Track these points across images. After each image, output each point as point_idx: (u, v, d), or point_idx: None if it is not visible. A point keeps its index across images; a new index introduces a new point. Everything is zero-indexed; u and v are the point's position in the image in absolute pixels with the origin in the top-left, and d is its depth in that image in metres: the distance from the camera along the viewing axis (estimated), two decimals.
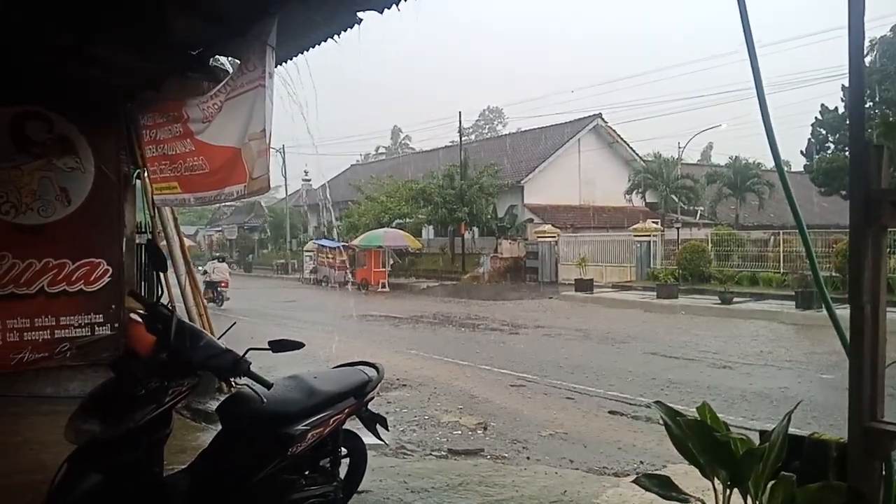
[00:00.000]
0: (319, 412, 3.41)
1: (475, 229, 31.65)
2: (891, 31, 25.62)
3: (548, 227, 28.82)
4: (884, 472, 2.04)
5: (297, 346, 3.17)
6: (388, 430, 4.31)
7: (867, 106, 21.51)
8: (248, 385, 3.09)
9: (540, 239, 28.43)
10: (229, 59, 5.62)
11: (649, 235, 25.17)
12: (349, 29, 4.60)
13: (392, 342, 12.69)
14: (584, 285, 22.19)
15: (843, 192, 26.18)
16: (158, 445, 2.87)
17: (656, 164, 33.07)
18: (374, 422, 4.04)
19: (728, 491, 2.46)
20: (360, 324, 15.29)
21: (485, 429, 6.58)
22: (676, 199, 31.76)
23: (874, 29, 25.17)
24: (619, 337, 12.96)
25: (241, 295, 21.92)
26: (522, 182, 32.37)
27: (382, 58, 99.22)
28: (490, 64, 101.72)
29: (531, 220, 31.19)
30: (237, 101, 4.57)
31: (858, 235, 2.12)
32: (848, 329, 2.15)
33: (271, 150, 4.55)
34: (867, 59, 25.23)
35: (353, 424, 3.94)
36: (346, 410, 3.68)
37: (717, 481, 2.48)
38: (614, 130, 35.65)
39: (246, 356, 3.00)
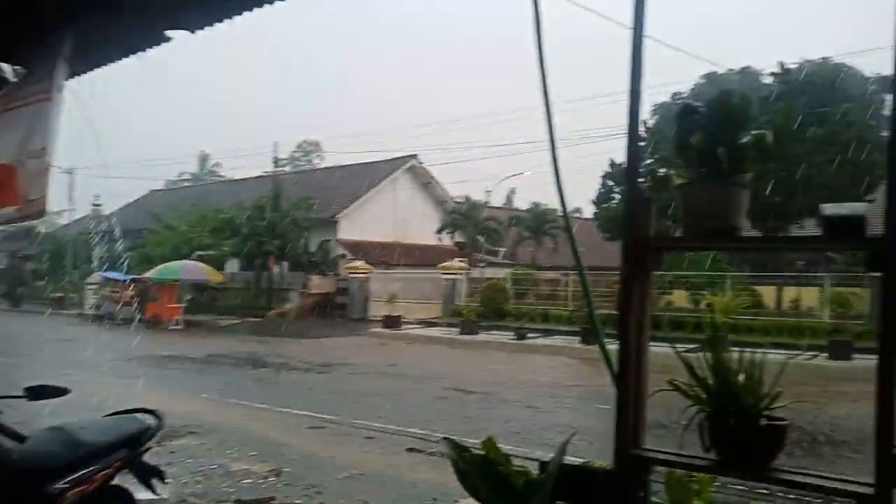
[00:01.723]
0: (84, 467, 3.07)
1: (285, 263, 30.75)
2: (670, 97, 29.56)
3: (360, 262, 28.81)
4: (643, 495, 2.20)
5: (61, 392, 2.83)
6: (165, 482, 3.94)
7: (649, 162, 24.46)
8: None
9: (351, 275, 28.32)
10: (13, 66, 4.93)
11: (456, 273, 26.18)
12: (155, 47, 4.25)
13: (182, 385, 11.70)
14: (391, 322, 22.39)
15: None
16: None
17: (466, 206, 34.69)
18: (149, 475, 3.69)
19: None
20: (147, 365, 13.99)
21: (277, 475, 6.23)
22: (482, 240, 33.50)
23: (658, 95, 28.90)
24: (422, 373, 13.18)
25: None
26: (337, 217, 32.19)
27: (193, 78, 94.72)
28: (309, 96, 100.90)
29: (344, 256, 31.01)
30: (16, 114, 3.99)
31: (627, 278, 2.29)
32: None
33: (55, 169, 4.03)
34: (651, 122, 28.81)
35: (126, 479, 3.55)
36: (117, 464, 3.34)
37: None
38: (428, 171, 36.91)
39: None
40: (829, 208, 1.98)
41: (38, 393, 2.79)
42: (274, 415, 9.20)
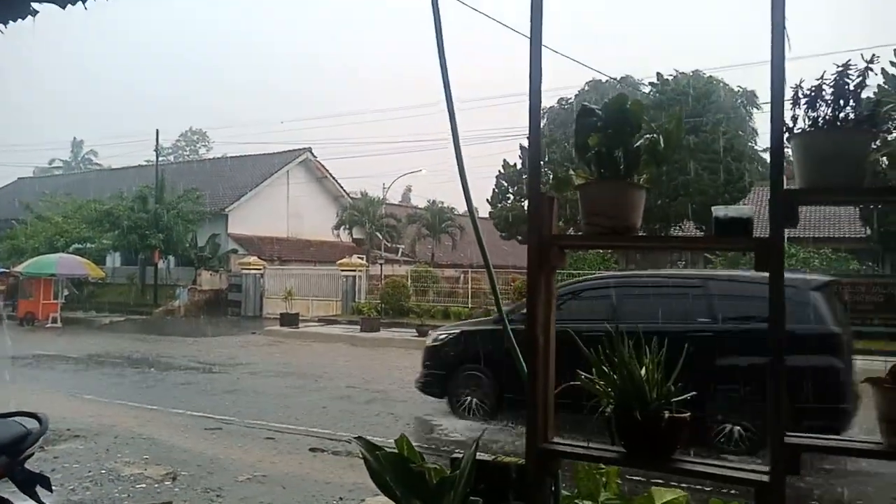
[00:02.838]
0: None
1: (171, 258, 29.30)
2: (557, 103, 30.56)
3: (253, 258, 27.94)
4: (553, 488, 2.29)
5: None
6: (51, 491, 3.67)
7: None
8: None
9: (244, 271, 27.40)
10: None
11: (355, 270, 25.95)
12: (20, 19, 3.91)
13: (63, 386, 10.93)
14: (289, 319, 21.88)
15: (520, 237, 30.15)
16: None
17: (363, 202, 34.44)
18: (32, 483, 3.42)
19: None
20: (22, 366, 12.96)
21: (174, 479, 5.96)
22: (381, 237, 33.40)
23: (546, 100, 29.77)
24: (322, 372, 12.99)
25: None
26: (227, 210, 31.03)
27: (65, 58, 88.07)
28: (196, 84, 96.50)
29: (235, 251, 29.95)
30: None
31: (534, 275, 2.37)
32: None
33: None
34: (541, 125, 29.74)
35: (6, 487, 3.28)
36: None
37: None
38: (323, 165, 36.29)
39: None
40: (718, 210, 2.11)
41: None
42: (166, 416, 8.78)
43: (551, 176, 2.72)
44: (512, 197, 31.74)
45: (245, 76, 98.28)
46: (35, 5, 3.80)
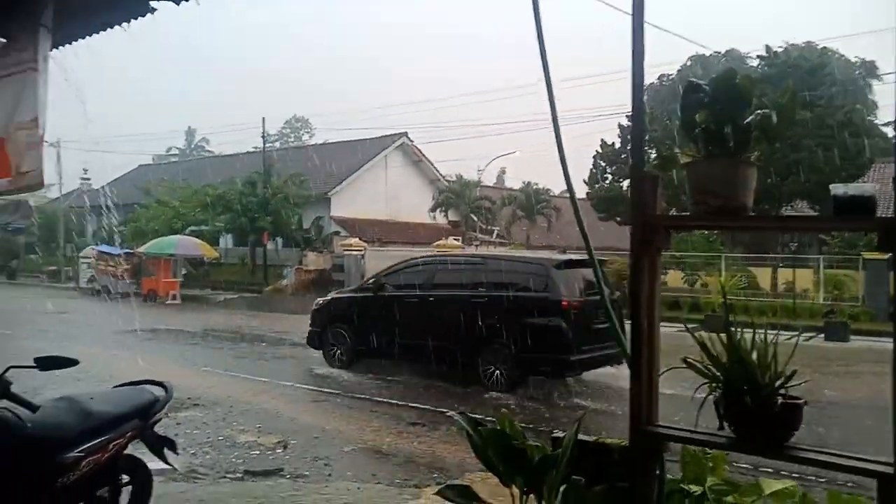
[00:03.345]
0: (96, 437, 3.11)
1: (279, 240, 30.71)
2: (658, 79, 29.44)
3: (355, 240, 28.78)
4: (658, 472, 2.27)
5: (70, 363, 2.86)
6: (176, 453, 4.01)
7: None
8: (7, 409, 2.71)
9: (346, 252, 28.28)
10: None
11: (451, 251, 26.18)
12: (140, 17, 4.20)
13: (184, 358, 11.79)
14: None
15: (619, 218, 29.42)
16: None
17: (458, 184, 34.67)
18: (160, 445, 3.76)
19: (524, 497, 2.58)
20: (147, 339, 14.05)
21: (285, 447, 6.33)
22: (476, 219, 33.53)
23: (645, 76, 28.71)
24: None
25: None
26: (329, 194, 32.11)
27: (181, 53, 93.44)
28: (298, 73, 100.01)
29: (338, 233, 30.98)
30: (1, 84, 3.96)
31: (637, 257, 2.32)
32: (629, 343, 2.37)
33: (45, 143, 4.00)
34: None
35: (139, 448, 3.61)
36: (129, 434, 3.39)
37: (514, 488, 2.60)
38: (419, 149, 36.78)
39: (5, 375, 2.62)
40: (837, 188, 1.97)
41: (47, 364, 2.82)
42: (277, 388, 9.29)
43: (654, 154, 2.66)
44: (610, 177, 31.02)
45: (346, 63, 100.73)
46: (153, 3, 4.09)
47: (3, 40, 4.32)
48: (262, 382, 9.64)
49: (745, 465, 4.84)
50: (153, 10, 4.03)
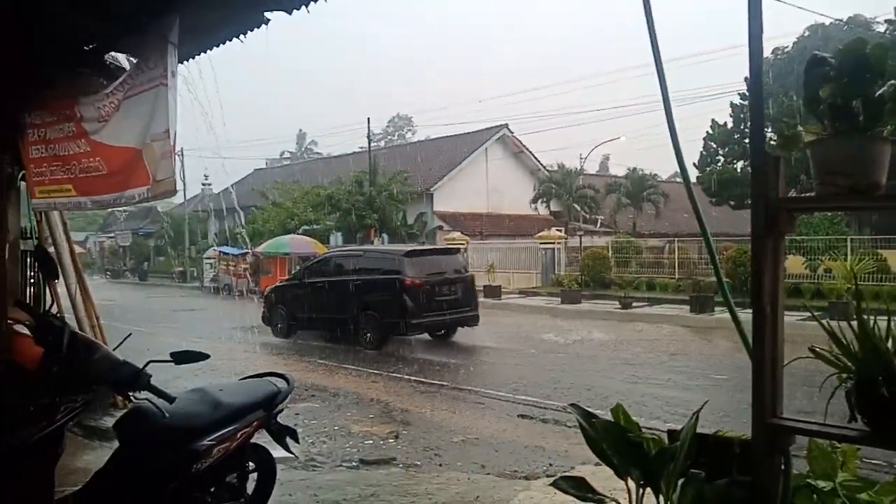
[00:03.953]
0: (226, 426, 3.28)
1: (385, 236, 31.51)
2: (772, 53, 27.65)
3: (457, 234, 29.08)
4: (783, 466, 2.15)
5: (202, 357, 3.04)
6: (298, 442, 4.19)
7: None
8: (147, 399, 2.92)
9: (449, 246, 28.63)
10: (127, 56, 5.29)
11: (553, 243, 25.91)
12: (255, 29, 4.44)
13: (299, 351, 12.37)
14: (492, 291, 22.52)
15: (732, 202, 27.93)
16: (49, 465, 2.66)
17: (559, 174, 34.16)
18: (283, 434, 3.92)
19: (641, 490, 2.52)
20: (266, 334, 14.85)
21: (396, 437, 6.52)
22: (579, 208, 32.93)
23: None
24: (528, 342, 13.22)
25: (137, 305, 20.75)
26: (432, 189, 32.58)
27: (289, 60, 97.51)
28: (399, 72, 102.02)
29: (441, 228, 31.40)
30: (136, 100, 4.30)
31: (759, 242, 2.21)
32: (749, 331, 2.25)
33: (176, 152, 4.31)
34: None
35: (262, 438, 3.80)
36: (255, 423, 3.56)
37: (630, 481, 2.54)
38: (520, 141, 36.55)
39: (146, 369, 2.84)
40: None
41: (181, 358, 3.01)
42: (387, 380, 9.57)
43: (771, 132, 2.51)
44: (722, 159, 29.49)
45: (444, 63, 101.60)
46: (267, 14, 4.30)
47: (135, 59, 4.70)
48: (373, 374, 9.96)
49: (875, 461, 4.50)
50: (267, 21, 4.26)
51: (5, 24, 4.46)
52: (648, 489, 2.47)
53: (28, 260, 6.15)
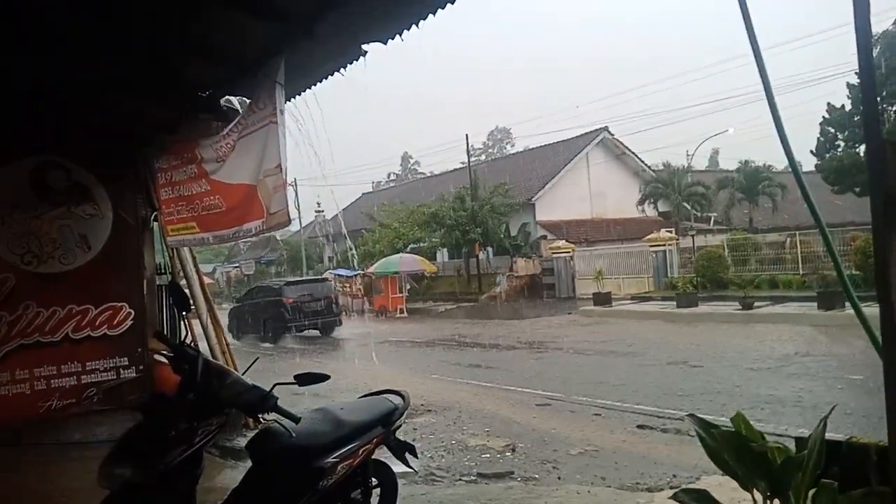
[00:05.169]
0: (348, 443, 3.40)
1: (489, 249, 31.65)
2: (893, 24, 25.49)
3: (562, 242, 28.74)
4: None
5: (323, 378, 3.17)
6: (417, 457, 4.28)
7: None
8: (276, 420, 3.09)
9: (555, 255, 28.34)
10: (239, 98, 5.70)
11: (664, 245, 25.00)
12: (354, 62, 4.66)
13: (413, 367, 12.65)
14: (602, 299, 22.03)
15: (857, 189, 25.90)
16: (191, 486, 2.88)
17: (666, 173, 33.04)
18: (402, 450, 4.01)
19: (768, 502, 2.41)
20: (381, 350, 15.29)
21: (513, 450, 6.51)
22: (689, 207, 31.65)
23: (876, 24, 25.02)
24: (642, 349, 12.83)
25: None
26: (533, 199, 32.41)
27: (389, 85, 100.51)
28: (495, 86, 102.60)
29: (545, 237, 31.15)
30: (249, 140, 4.63)
31: (881, 233, 2.08)
32: (878, 328, 2.11)
33: (288, 185, 4.59)
34: (873, 54, 25.12)
35: (382, 453, 3.92)
36: (375, 440, 3.66)
37: (756, 492, 2.43)
38: (621, 142, 35.70)
39: (273, 391, 3.01)
40: None
41: (305, 380, 3.14)
42: (500, 393, 9.58)
43: (893, 111, 2.34)
44: (842, 144, 27.45)
45: (536, 73, 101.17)
46: (364, 46, 4.51)
47: (247, 101, 5.05)
48: (487, 388, 10.00)
49: None
50: (364, 53, 4.47)
51: (138, 81, 4.94)
52: (777, 500, 2.36)
53: (163, 294, 6.72)
